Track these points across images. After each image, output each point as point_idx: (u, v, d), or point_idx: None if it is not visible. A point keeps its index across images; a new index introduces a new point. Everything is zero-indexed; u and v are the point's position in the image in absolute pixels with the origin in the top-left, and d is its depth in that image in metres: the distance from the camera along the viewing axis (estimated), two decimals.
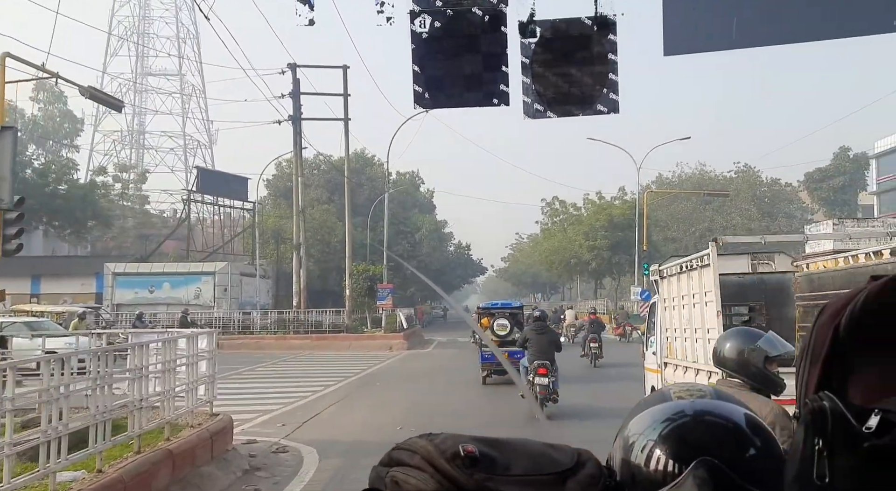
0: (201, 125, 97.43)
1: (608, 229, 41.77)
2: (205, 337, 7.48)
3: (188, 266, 33.62)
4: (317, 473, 6.88)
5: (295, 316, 26.50)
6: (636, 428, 0.87)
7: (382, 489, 0.80)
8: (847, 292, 0.69)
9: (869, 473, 0.57)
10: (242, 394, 13.38)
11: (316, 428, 9.55)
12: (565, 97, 3.79)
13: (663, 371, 8.75)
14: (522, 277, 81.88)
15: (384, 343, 25.44)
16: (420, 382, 15.65)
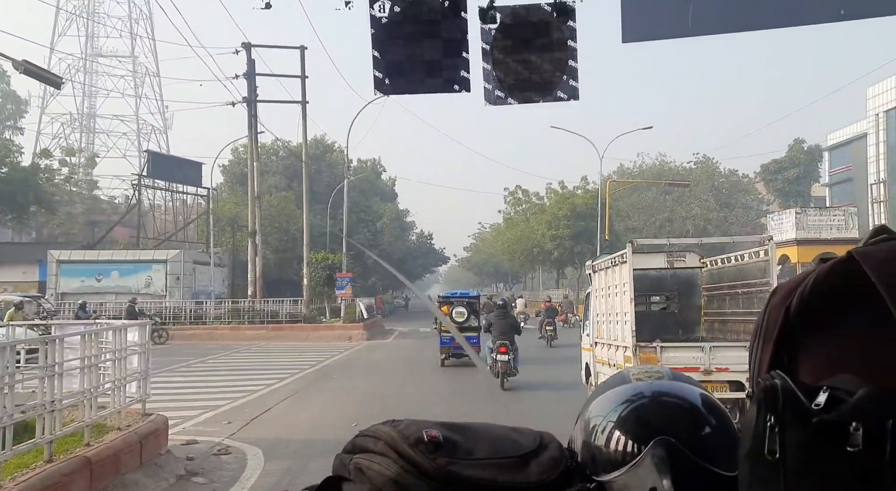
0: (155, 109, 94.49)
1: (571, 219, 41.63)
2: (136, 329, 6.72)
3: (138, 254, 32.25)
4: (260, 478, 6.23)
5: (250, 305, 25.51)
6: (596, 410, 0.89)
7: (346, 476, 0.79)
8: (799, 274, 0.71)
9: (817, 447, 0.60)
10: (188, 388, 12.58)
11: (264, 426, 8.87)
12: (526, 84, 3.73)
13: (594, 349, 9.95)
14: (484, 267, 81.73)
15: (343, 334, 24.73)
16: (379, 373, 15.05)
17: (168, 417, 9.51)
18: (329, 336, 24.57)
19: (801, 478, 0.61)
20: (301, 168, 48.47)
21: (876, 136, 61.01)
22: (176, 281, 31.67)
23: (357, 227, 48.58)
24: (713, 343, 8.53)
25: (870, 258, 0.64)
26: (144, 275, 31.74)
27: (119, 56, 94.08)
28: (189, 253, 34.27)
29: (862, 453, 0.57)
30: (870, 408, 0.58)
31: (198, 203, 41.55)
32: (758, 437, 0.63)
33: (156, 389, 12.34)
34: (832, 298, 0.67)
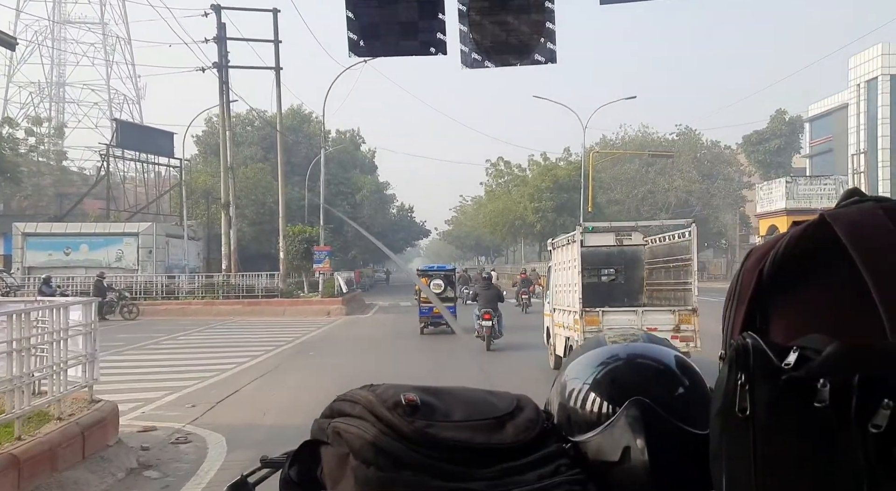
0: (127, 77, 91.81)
1: (553, 191, 41.06)
2: (80, 307, 6.00)
3: (108, 227, 31.14)
4: (220, 471, 5.60)
5: (224, 280, 24.67)
6: (572, 373, 0.92)
7: (324, 440, 0.80)
8: (772, 237, 0.73)
9: (785, 403, 0.62)
10: (154, 367, 11.88)
11: (231, 409, 8.23)
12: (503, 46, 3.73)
13: (553, 315, 11.28)
14: (466, 240, 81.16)
15: (321, 308, 24.06)
16: (358, 349, 14.45)
17: (129, 399, 8.88)
18: (307, 311, 23.89)
19: (770, 433, 0.63)
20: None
21: (857, 107, 60.95)
22: (148, 255, 30.69)
23: (336, 200, 47.58)
24: (644, 307, 10.55)
25: (840, 220, 0.66)
26: (115, 248, 30.71)
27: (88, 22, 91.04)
28: (161, 226, 33.24)
29: (828, 408, 0.59)
30: (836, 364, 0.60)
31: (171, 175, 40.34)
32: (728, 395, 0.65)
33: (119, 369, 11.72)
34: (805, 260, 0.68)
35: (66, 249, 30.23)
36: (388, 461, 0.75)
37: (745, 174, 63.16)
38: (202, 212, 39.55)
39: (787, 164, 65.47)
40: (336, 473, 0.78)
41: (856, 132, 61.02)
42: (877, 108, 58.78)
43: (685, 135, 60.15)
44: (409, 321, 21.43)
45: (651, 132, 60.85)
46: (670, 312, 9.77)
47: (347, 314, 23.94)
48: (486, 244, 71.92)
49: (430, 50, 3.76)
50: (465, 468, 0.77)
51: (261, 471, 0.96)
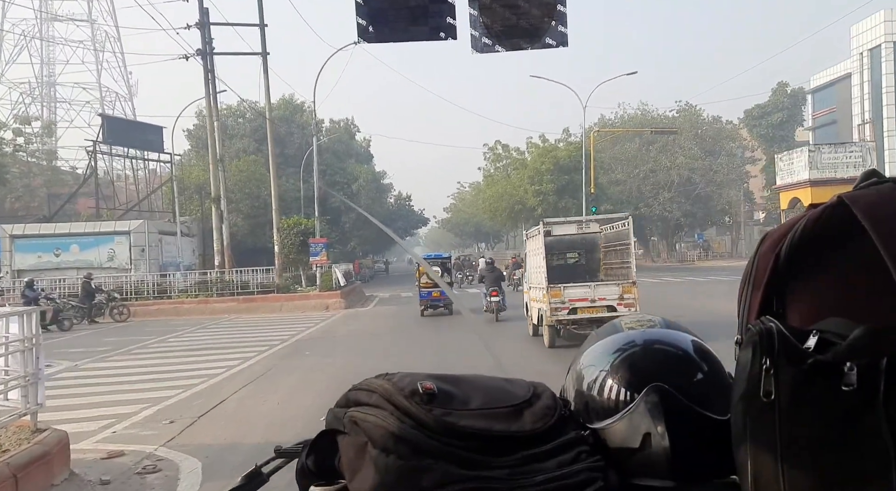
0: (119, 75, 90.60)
1: (554, 173, 40.05)
2: (17, 319, 5.11)
3: (98, 226, 30.22)
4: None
5: (218, 277, 23.78)
6: (588, 360, 0.91)
7: (341, 429, 0.79)
8: (788, 220, 0.73)
9: (812, 387, 0.62)
10: (136, 375, 11.03)
11: (212, 425, 7.38)
12: (513, 30, 3.64)
13: (529, 291, 13.83)
14: (465, 227, 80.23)
15: (320, 303, 23.22)
16: (356, 346, 13.62)
17: (102, 415, 8.04)
18: (304, 306, 23.05)
19: (796, 417, 0.63)
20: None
21: (860, 76, 59.77)
22: (141, 253, 29.82)
23: (332, 191, 46.64)
24: (596, 282, 12.71)
25: (859, 202, 0.66)
26: (106, 248, 29.82)
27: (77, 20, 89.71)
28: (154, 223, 32.34)
29: (856, 391, 0.60)
30: (864, 347, 0.60)
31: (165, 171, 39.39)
32: (753, 379, 0.65)
33: (98, 379, 10.86)
34: (822, 243, 0.67)
35: (56, 250, 29.36)
36: (409, 450, 0.74)
37: (747, 149, 62.08)
38: (196, 207, 38.66)
39: (790, 138, 64.31)
40: (355, 463, 0.77)
41: (860, 102, 59.91)
42: (881, 77, 57.60)
43: (685, 111, 58.99)
44: (411, 313, 20.61)
45: (650, 110, 59.72)
46: (616, 285, 12.15)
47: (347, 308, 23.09)
48: (485, 230, 71.05)
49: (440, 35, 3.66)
50: (485, 456, 0.76)
51: (275, 461, 0.94)
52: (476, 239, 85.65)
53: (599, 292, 11.95)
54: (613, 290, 11.97)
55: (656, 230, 60.68)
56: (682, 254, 60.76)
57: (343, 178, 46.73)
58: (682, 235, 64.72)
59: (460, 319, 16.84)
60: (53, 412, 6.94)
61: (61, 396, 8.74)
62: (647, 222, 58.03)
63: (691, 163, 53.84)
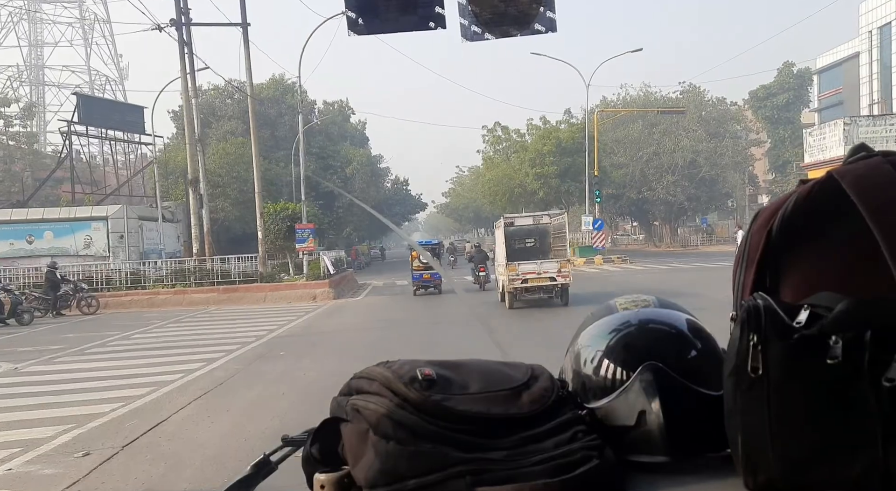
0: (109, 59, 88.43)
1: (556, 155, 38.36)
2: None
3: (74, 211, 28.59)
4: None
5: (196, 265, 22.15)
6: (585, 341, 0.94)
7: (343, 417, 0.82)
8: (779, 197, 0.74)
9: (798, 361, 0.64)
10: (77, 382, 9.47)
11: (135, 460, 5.80)
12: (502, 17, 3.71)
13: (497, 268, 17.55)
14: (464, 212, 78.63)
15: (307, 293, 21.67)
16: (339, 345, 12.08)
17: (9, 441, 6.49)
18: (290, 296, 21.50)
19: (784, 391, 0.64)
20: (261, 111, 44.21)
21: (869, 55, 57.84)
22: (119, 240, 28.21)
23: (325, 175, 44.93)
24: (542, 260, 16.23)
25: (848, 176, 0.67)
26: (83, 234, 28.21)
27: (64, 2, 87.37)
28: (134, 208, 30.67)
29: (841, 364, 0.61)
30: (848, 320, 0.61)
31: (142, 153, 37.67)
32: (741, 355, 0.66)
33: (29, 387, 8.82)
34: (813, 218, 0.69)
35: (29, 237, 27.74)
36: (408, 435, 0.76)
37: (752, 131, 60.33)
38: (181, 192, 37.03)
39: (795, 120, 62.61)
40: (357, 449, 0.78)
41: (868, 82, 58.10)
42: (891, 56, 55.69)
43: (689, 92, 57.11)
44: (404, 304, 19.04)
45: (653, 91, 57.90)
46: (556, 262, 15.99)
47: (336, 298, 21.54)
48: (485, 215, 69.37)
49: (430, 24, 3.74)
50: (483, 439, 0.78)
51: (283, 449, 0.97)
52: (476, 224, 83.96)
53: (544, 267, 15.82)
54: (554, 265, 15.89)
55: (659, 214, 59.07)
56: (685, 238, 59.19)
57: (337, 161, 45.04)
58: (685, 220, 63.21)
59: (454, 307, 16.78)
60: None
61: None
62: (650, 206, 56.41)
63: (696, 145, 52.11)
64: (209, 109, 43.01)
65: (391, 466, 0.75)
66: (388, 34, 4.05)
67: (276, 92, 43.41)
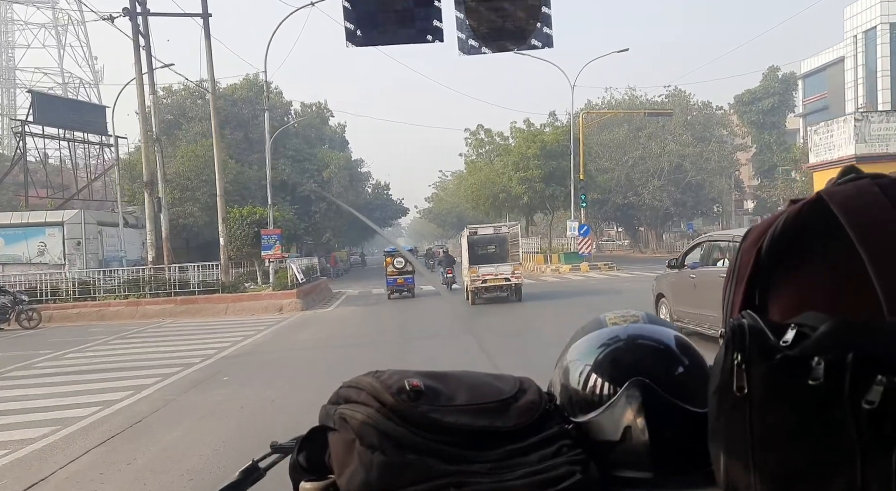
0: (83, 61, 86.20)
1: (540, 158, 37.00)
2: None
3: (27, 216, 26.77)
4: None
5: (152, 274, 20.44)
6: (574, 355, 0.94)
7: (331, 425, 0.82)
8: (769, 216, 0.75)
9: (781, 381, 0.64)
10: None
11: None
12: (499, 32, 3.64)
13: (464, 271, 19.64)
14: (447, 218, 77.12)
15: (273, 304, 20.07)
16: (294, 367, 10.55)
17: None
18: (254, 307, 19.89)
19: (766, 411, 0.64)
20: (234, 112, 42.43)
21: (854, 60, 57.35)
22: (76, 247, 26.43)
23: (301, 178, 43.34)
24: (497, 263, 18.63)
25: (837, 197, 0.68)
26: (36, 241, 26.40)
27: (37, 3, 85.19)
28: (94, 213, 28.91)
29: (822, 385, 0.61)
30: (830, 342, 0.61)
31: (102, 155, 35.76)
32: (726, 374, 0.67)
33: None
34: (802, 238, 0.70)
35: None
36: (393, 446, 0.76)
37: (737, 136, 59.53)
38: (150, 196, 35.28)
39: (780, 125, 61.98)
40: (343, 459, 0.79)
41: (853, 87, 57.59)
42: (876, 60, 55.26)
43: (675, 96, 56.18)
44: (376, 314, 17.52)
45: (638, 95, 56.93)
46: (511, 265, 18.61)
47: (304, 309, 19.98)
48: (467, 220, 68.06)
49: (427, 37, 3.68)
50: (468, 451, 0.78)
51: (271, 456, 0.96)
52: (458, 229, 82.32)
53: (500, 269, 18.32)
54: (509, 268, 18.49)
55: (645, 220, 58.03)
56: (671, 244, 58.20)
57: (313, 164, 43.38)
58: (670, 225, 62.28)
59: (425, 312, 17.47)
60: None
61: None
62: (635, 211, 55.36)
63: (682, 149, 51.14)
64: (179, 110, 41.35)
65: (376, 476, 0.75)
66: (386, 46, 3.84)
67: (251, 92, 41.75)
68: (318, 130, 49.44)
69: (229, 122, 41.36)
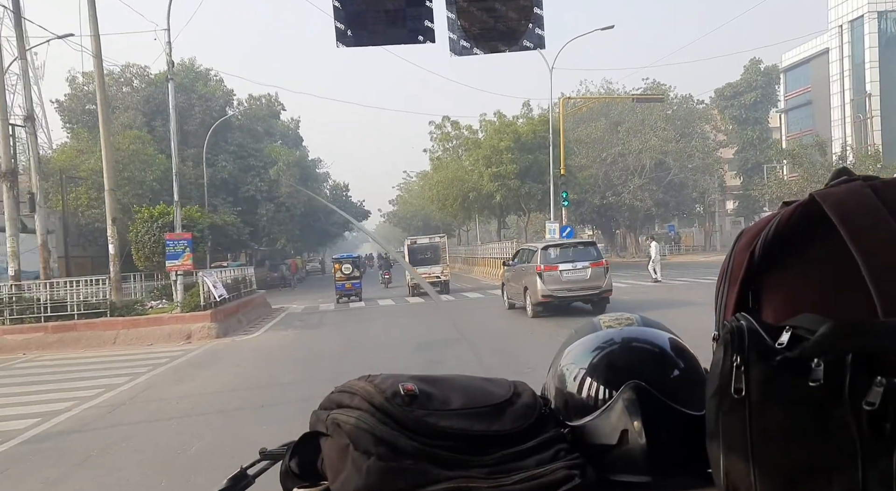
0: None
1: (514, 151, 32.77)
2: None
3: None
4: None
5: (13, 293, 15.39)
6: (569, 359, 0.93)
7: (323, 431, 0.80)
8: (762, 218, 0.75)
9: (780, 383, 0.64)
10: None
11: None
12: (491, 33, 3.81)
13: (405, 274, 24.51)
14: (412, 221, 72.51)
15: (179, 329, 15.36)
16: (140, 449, 5.96)
17: None
18: (154, 335, 15.14)
19: (765, 412, 0.65)
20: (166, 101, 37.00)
21: (839, 51, 54.45)
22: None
23: (245, 177, 38.41)
24: (432, 265, 25.11)
25: (830, 199, 0.68)
26: None
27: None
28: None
29: (823, 387, 0.61)
30: (829, 344, 0.61)
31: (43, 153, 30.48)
32: (724, 376, 0.66)
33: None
34: (795, 240, 0.70)
35: None
36: (389, 451, 0.75)
37: (719, 131, 56.18)
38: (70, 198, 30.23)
39: (763, 120, 58.99)
40: (337, 465, 0.77)
41: (839, 79, 54.76)
42: (863, 51, 52.38)
43: (653, 88, 52.43)
44: (312, 342, 12.91)
45: (615, 87, 53.14)
46: (441, 266, 25.64)
47: (219, 336, 15.31)
48: (434, 223, 63.44)
49: (419, 38, 3.77)
50: (465, 456, 0.77)
51: (260, 463, 0.94)
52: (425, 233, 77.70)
53: (433, 270, 24.84)
54: (440, 268, 25.42)
55: (623, 222, 54.17)
56: None
57: (259, 161, 38.51)
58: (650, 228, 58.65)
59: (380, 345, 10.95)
60: None
61: None
62: (613, 213, 51.54)
63: (664, 145, 47.37)
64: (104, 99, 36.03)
65: (371, 482, 0.74)
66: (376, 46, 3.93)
67: (187, 79, 36.72)
68: (266, 124, 44.57)
69: (161, 111, 36.30)
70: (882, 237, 0.64)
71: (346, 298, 23.20)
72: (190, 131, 36.10)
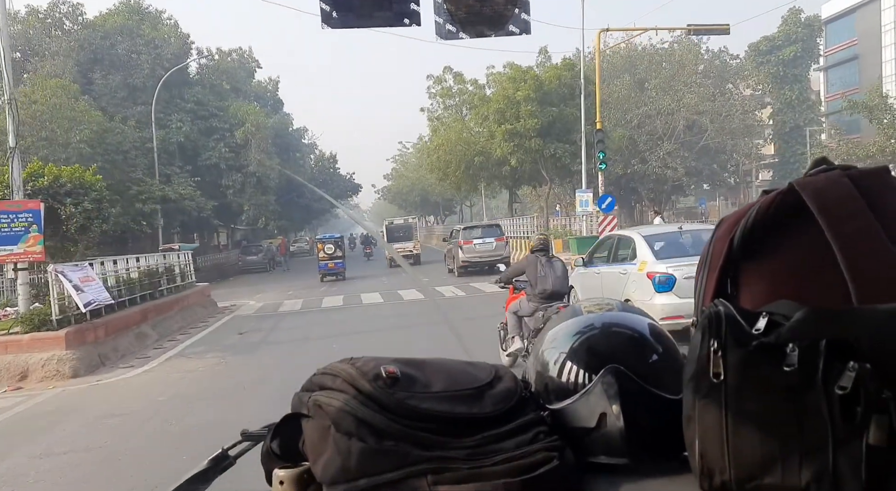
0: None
1: (534, 103, 26.25)
2: None
3: None
4: None
5: None
6: (549, 343, 0.95)
7: (305, 412, 0.80)
8: (742, 206, 0.77)
9: (756, 368, 0.65)
10: None
11: None
12: (477, 17, 3.79)
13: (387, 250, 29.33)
14: (409, 196, 65.89)
15: (13, 362, 9.09)
16: None
17: None
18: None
19: (741, 397, 0.66)
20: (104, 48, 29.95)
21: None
22: None
23: (206, 141, 31.84)
24: (405, 241, 28.98)
25: (808, 188, 0.70)
26: None
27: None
28: None
29: (797, 371, 0.63)
30: (804, 330, 0.63)
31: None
32: (702, 361, 0.68)
33: None
34: (773, 228, 0.72)
35: None
36: (370, 433, 0.76)
37: (756, 91, 49.40)
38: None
39: (803, 78, 52.03)
40: (319, 446, 0.78)
41: (892, 30, 48.17)
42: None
43: (683, 43, 45.45)
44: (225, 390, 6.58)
45: (638, 42, 46.14)
46: (412, 242, 29.54)
47: (76, 374, 9.04)
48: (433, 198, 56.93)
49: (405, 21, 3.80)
50: (445, 438, 0.78)
51: (241, 444, 0.96)
52: (423, 210, 70.86)
53: (406, 245, 28.08)
54: (411, 243, 28.99)
55: (646, 194, 47.58)
56: None
57: (223, 122, 31.91)
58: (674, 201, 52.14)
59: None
60: None
61: None
62: (636, 184, 45.08)
63: (701, 103, 40.67)
64: (26, 43, 29.37)
65: (352, 463, 0.74)
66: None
67: (130, 20, 30.01)
68: (238, 83, 37.91)
69: (101, 61, 29.65)
70: (858, 227, 0.66)
71: (330, 276, 24.55)
72: (136, 85, 29.51)
